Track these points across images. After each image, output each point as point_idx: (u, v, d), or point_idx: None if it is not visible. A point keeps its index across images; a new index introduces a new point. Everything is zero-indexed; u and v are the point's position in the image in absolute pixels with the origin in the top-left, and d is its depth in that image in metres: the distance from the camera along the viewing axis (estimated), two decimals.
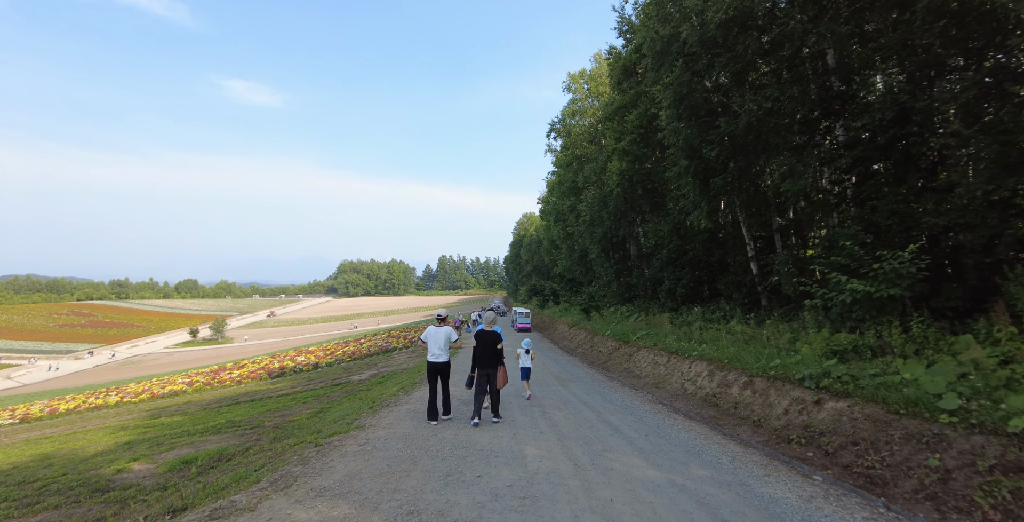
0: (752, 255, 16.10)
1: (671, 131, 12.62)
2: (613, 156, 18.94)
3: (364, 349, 31.53)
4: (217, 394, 23.79)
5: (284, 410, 12.74)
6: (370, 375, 18.37)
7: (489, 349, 7.50)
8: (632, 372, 14.23)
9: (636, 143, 16.97)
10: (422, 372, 14.88)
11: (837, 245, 8.96)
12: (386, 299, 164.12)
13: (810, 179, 10.15)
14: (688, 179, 12.73)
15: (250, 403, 17.20)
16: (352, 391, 14.29)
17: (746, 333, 12.56)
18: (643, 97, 16.82)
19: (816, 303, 8.43)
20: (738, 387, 9.05)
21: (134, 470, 7.14)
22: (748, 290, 16.80)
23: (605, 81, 29.17)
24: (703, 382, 10.30)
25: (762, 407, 8.00)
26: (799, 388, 7.58)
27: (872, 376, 6.78)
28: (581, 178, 29.27)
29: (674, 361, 12.57)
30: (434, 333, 7.45)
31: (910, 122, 8.85)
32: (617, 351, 17.32)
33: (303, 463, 5.01)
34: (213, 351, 70.78)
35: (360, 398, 10.93)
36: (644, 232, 23.17)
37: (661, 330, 16.99)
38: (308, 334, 78.86)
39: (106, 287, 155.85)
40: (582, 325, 26.07)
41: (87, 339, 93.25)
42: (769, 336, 11.60)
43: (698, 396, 10.01)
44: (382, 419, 7.00)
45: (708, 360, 10.96)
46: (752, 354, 10.19)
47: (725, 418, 8.35)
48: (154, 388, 31.00)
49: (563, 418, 7.81)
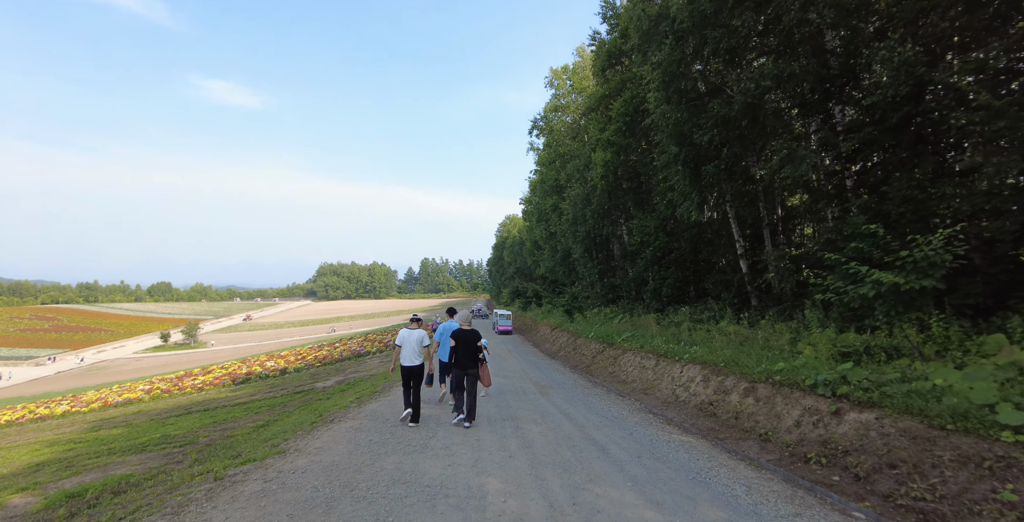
0: (742, 253, 15.28)
1: (660, 115, 11.61)
2: (597, 147, 17.92)
3: (337, 354, 29.96)
4: (174, 402, 22.08)
5: (230, 422, 11.35)
6: (336, 381, 16.99)
7: (469, 348, 7.17)
8: (618, 377, 13.17)
9: (621, 132, 15.91)
10: (389, 379, 13.63)
11: (853, 233, 8.00)
12: (367, 302, 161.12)
13: (813, 163, 9.22)
14: (678, 167, 11.73)
15: (201, 413, 15.71)
16: (310, 400, 12.94)
17: (740, 334, 11.60)
18: (629, 84, 15.83)
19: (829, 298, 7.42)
20: (738, 394, 8.02)
21: (9, 505, 5.75)
22: (738, 289, 15.95)
23: (588, 75, 28.25)
24: (697, 388, 9.26)
25: (768, 418, 6.97)
26: (811, 396, 6.56)
27: (899, 382, 5.80)
28: (564, 176, 28.27)
29: (663, 364, 11.54)
30: (407, 336, 7.15)
31: (924, 98, 7.99)
32: (601, 354, 16.28)
33: (176, 513, 3.68)
34: (184, 356, 68.04)
35: (312, 409, 9.62)
36: (629, 230, 22.24)
37: (647, 332, 16.02)
38: (285, 338, 76.42)
39: (74, 290, 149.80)
40: (565, 327, 25.03)
41: (50, 344, 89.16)
42: (766, 337, 10.65)
43: (692, 404, 8.96)
44: (314, 440, 5.67)
45: (701, 363, 9.94)
46: (750, 356, 9.20)
47: (726, 430, 7.30)
48: (110, 396, 28.96)
49: (539, 436, 6.59)
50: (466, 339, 7.24)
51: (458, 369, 7.19)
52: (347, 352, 29.67)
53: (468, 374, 7.12)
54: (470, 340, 7.24)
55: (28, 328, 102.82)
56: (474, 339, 7.26)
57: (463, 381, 7.17)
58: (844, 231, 9.28)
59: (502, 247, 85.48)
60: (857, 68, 9.35)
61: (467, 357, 7.15)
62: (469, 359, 7.15)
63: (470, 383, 7.15)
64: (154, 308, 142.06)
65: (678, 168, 11.70)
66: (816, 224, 12.50)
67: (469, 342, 7.23)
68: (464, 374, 7.13)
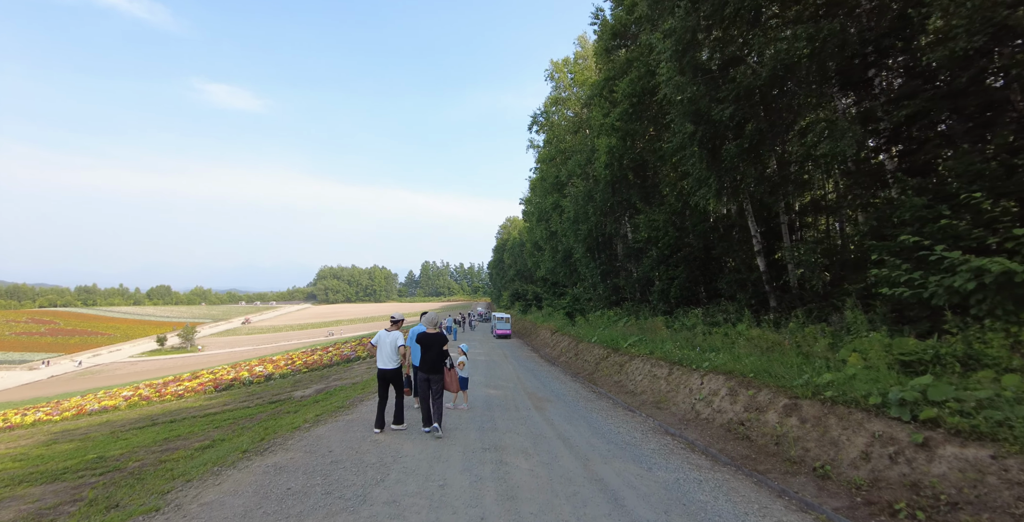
0: (759, 249, 13.87)
1: (673, 88, 10.14)
2: (601, 133, 16.48)
3: (327, 359, 28.49)
4: (147, 411, 20.63)
5: (181, 439, 9.90)
6: (315, 390, 15.54)
7: (432, 353, 6.80)
8: (625, 387, 11.69)
9: (628, 115, 14.41)
10: (368, 388, 12.19)
11: (914, 216, 6.56)
12: (366, 305, 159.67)
13: (857, 137, 7.77)
14: (693, 148, 10.26)
15: (164, 425, 14.27)
16: (280, 412, 11.50)
17: (765, 338, 10.12)
18: (636, 64, 14.40)
19: (900, 294, 5.94)
20: (776, 412, 6.55)
21: None
22: (755, 289, 14.51)
23: (591, 65, 26.90)
24: (722, 403, 7.78)
25: (821, 445, 5.49)
26: (879, 419, 5.09)
27: (1011, 403, 4.33)
28: (565, 172, 26.87)
29: (678, 373, 10.06)
30: (383, 338, 6.94)
31: (1001, 52, 6.55)
32: (605, 360, 14.80)
33: None
34: (180, 360, 66.90)
35: (264, 428, 8.16)
36: (635, 226, 20.79)
37: (656, 336, 14.54)
38: (282, 342, 75.08)
39: (72, 293, 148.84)
40: (565, 330, 23.58)
41: (45, 348, 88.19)
42: (798, 342, 9.17)
43: (717, 422, 7.47)
44: (212, 488, 4.08)
45: (725, 373, 8.46)
46: (783, 365, 7.75)
47: (766, 459, 5.82)
48: (88, 404, 27.53)
49: (529, 476, 5.02)
50: (429, 343, 6.84)
51: (422, 373, 6.77)
52: (337, 357, 28.20)
53: (431, 380, 6.73)
54: (434, 344, 6.83)
55: (24, 331, 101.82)
56: (438, 343, 6.85)
57: (428, 389, 6.76)
58: (895, 216, 7.84)
59: (502, 249, 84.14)
60: (910, 24, 7.91)
61: (430, 362, 6.77)
62: (432, 364, 6.77)
63: (435, 390, 6.75)
64: (153, 311, 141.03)
65: (693, 149, 10.24)
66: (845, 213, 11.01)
67: (432, 346, 6.82)
68: (427, 380, 6.73)
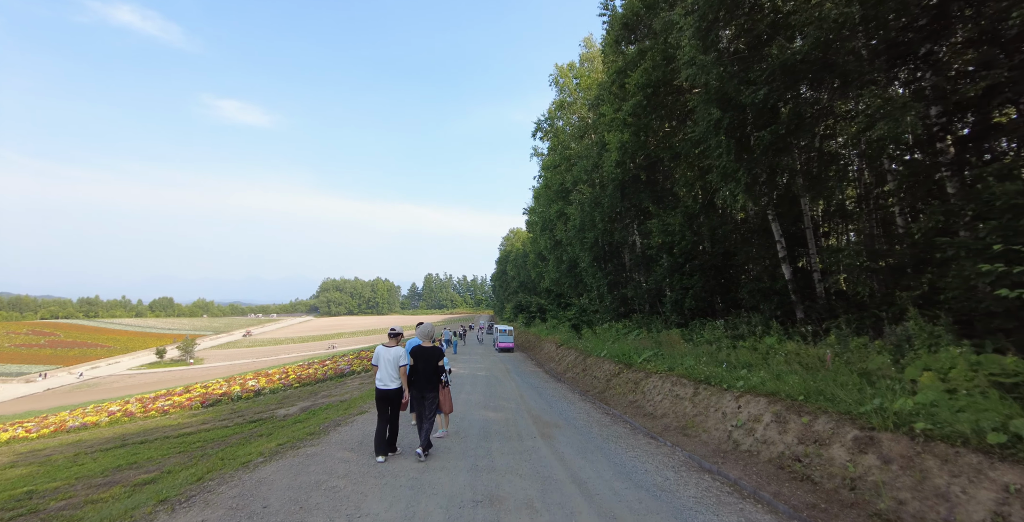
0: (783, 255, 12.66)
1: (697, 69, 8.97)
2: (612, 129, 15.31)
3: (320, 373, 27.15)
4: (126, 429, 19.31)
5: (131, 469, 8.59)
6: (300, 408, 14.21)
7: (428, 368, 6.31)
8: (642, 408, 10.31)
9: (642, 108, 13.20)
10: (353, 408, 10.88)
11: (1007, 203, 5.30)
12: (369, 318, 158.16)
13: (920, 114, 6.55)
14: (720, 138, 9.03)
15: (135, 446, 13.01)
16: (252, 436, 10.17)
17: (807, 354, 8.77)
18: (650, 53, 13.27)
19: (1014, 293, 4.66)
20: (844, 447, 5.19)
21: None
22: (780, 299, 13.21)
23: (597, 67, 25.97)
24: (767, 432, 6.42)
25: (923, 497, 4.14)
26: (1012, 465, 3.77)
27: None
28: (570, 178, 25.78)
29: (705, 394, 8.70)
30: (382, 355, 6.21)
31: None
32: (617, 377, 13.42)
33: None
34: (177, 373, 65.89)
35: (227, 455, 6.88)
36: (644, 233, 19.55)
37: (673, 350, 13.17)
38: (283, 355, 73.86)
39: (74, 305, 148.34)
40: (572, 344, 22.19)
41: (44, 360, 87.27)
42: (850, 359, 7.82)
43: (764, 457, 6.11)
44: None
45: (766, 395, 7.11)
46: (838, 385, 6.43)
47: (843, 512, 4.46)
48: (70, 420, 26.24)
49: None
50: (425, 357, 6.29)
51: (415, 391, 6.26)
52: (331, 371, 26.86)
53: (425, 398, 6.21)
54: (430, 359, 6.30)
55: (24, 343, 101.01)
56: (435, 358, 6.32)
57: (422, 407, 6.25)
58: (970, 209, 6.59)
59: (505, 261, 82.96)
60: None
61: (425, 379, 6.24)
62: (427, 381, 6.24)
63: (428, 408, 6.22)
64: (154, 323, 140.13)
65: (720, 139, 9.01)
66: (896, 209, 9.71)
67: (428, 361, 6.28)
68: (421, 398, 6.23)
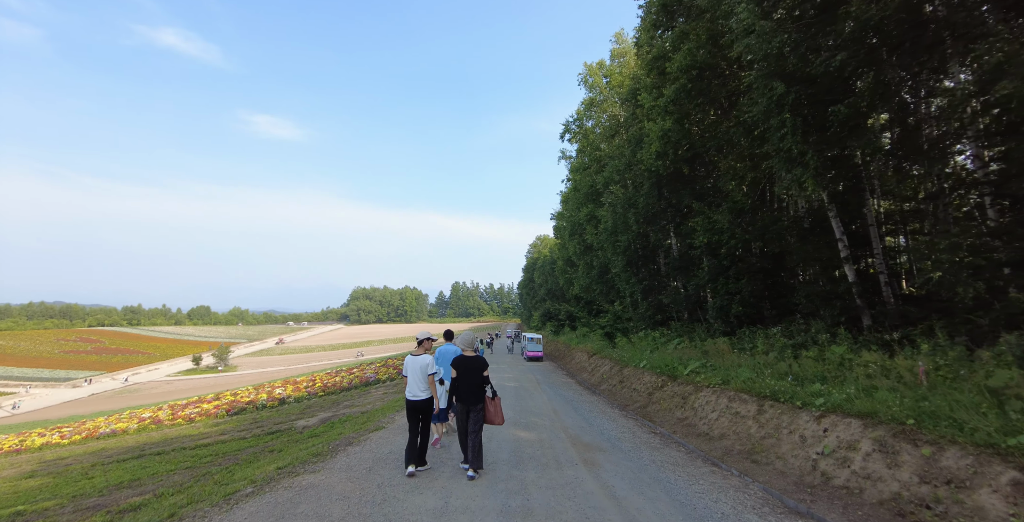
0: (846, 256, 11.33)
1: (757, 37, 7.78)
2: (652, 116, 14.11)
3: (345, 382, 26.61)
4: (150, 438, 19.10)
5: (133, 487, 7.93)
6: (320, 420, 13.47)
7: (472, 379, 5.83)
8: (694, 426, 9.04)
9: (686, 92, 11.98)
10: (370, 422, 10.01)
11: None
12: (397, 326, 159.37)
13: None
14: (784, 116, 7.75)
15: (151, 457, 12.52)
16: (264, 450, 9.42)
17: (893, 366, 7.40)
18: (692, 33, 12.07)
19: None
20: (999, 493, 3.93)
21: None
22: (843, 303, 11.78)
23: (629, 62, 24.85)
24: (871, 464, 5.15)
25: None
26: None
27: None
28: (601, 180, 24.67)
29: (773, 413, 7.42)
30: (411, 364, 5.97)
31: None
32: (660, 390, 12.15)
33: None
34: (212, 380, 67.60)
35: (221, 479, 6.10)
36: (683, 233, 18.22)
37: (723, 361, 11.85)
38: (313, 363, 74.83)
39: (119, 313, 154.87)
40: (605, 353, 20.94)
41: (90, 366, 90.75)
42: (956, 373, 6.45)
43: (871, 497, 4.85)
44: None
45: (858, 416, 5.83)
46: (960, 406, 5.14)
47: None
48: (102, 426, 26.46)
49: None
50: (469, 367, 5.85)
51: (460, 405, 5.86)
52: (357, 380, 26.27)
53: (473, 411, 5.79)
54: (474, 369, 5.84)
55: (72, 350, 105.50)
56: (479, 367, 5.87)
57: (466, 421, 5.82)
58: None
59: (532, 268, 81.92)
60: None
61: (470, 391, 5.81)
62: (472, 393, 5.81)
63: (474, 423, 5.76)
64: (192, 331, 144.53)
65: (784, 117, 7.76)
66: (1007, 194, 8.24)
67: (473, 371, 5.83)
68: (468, 411, 5.80)
